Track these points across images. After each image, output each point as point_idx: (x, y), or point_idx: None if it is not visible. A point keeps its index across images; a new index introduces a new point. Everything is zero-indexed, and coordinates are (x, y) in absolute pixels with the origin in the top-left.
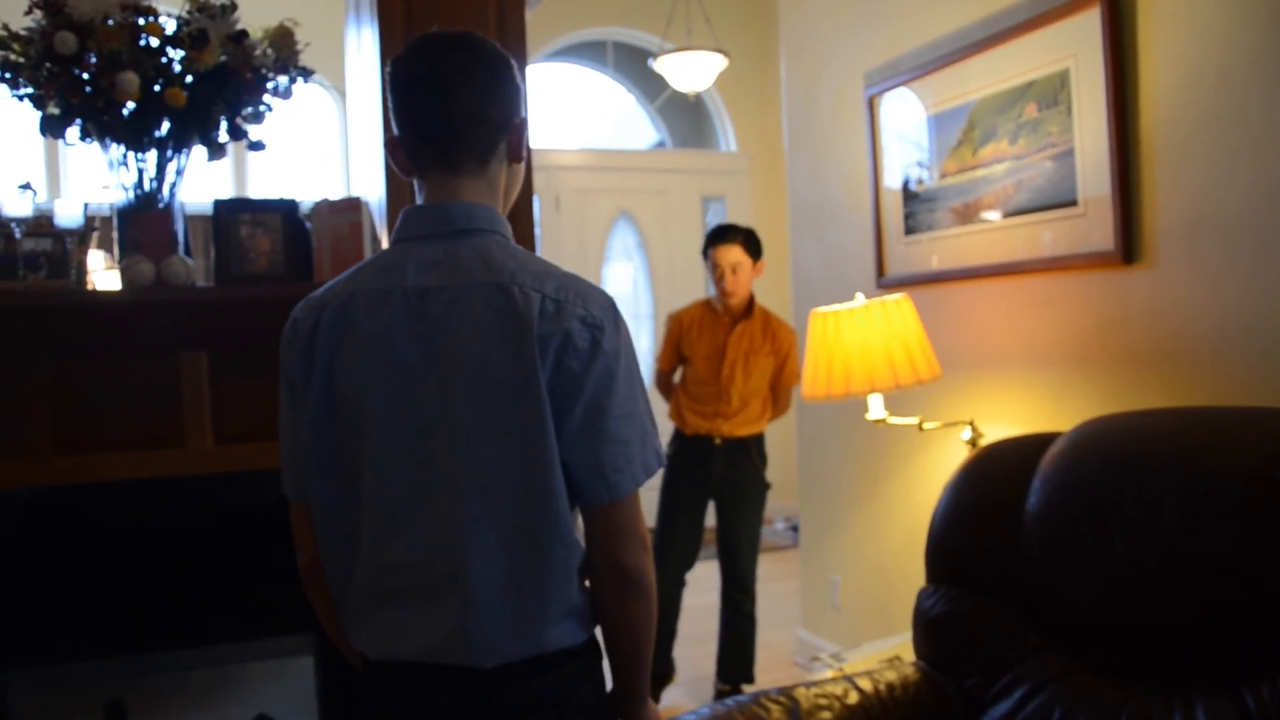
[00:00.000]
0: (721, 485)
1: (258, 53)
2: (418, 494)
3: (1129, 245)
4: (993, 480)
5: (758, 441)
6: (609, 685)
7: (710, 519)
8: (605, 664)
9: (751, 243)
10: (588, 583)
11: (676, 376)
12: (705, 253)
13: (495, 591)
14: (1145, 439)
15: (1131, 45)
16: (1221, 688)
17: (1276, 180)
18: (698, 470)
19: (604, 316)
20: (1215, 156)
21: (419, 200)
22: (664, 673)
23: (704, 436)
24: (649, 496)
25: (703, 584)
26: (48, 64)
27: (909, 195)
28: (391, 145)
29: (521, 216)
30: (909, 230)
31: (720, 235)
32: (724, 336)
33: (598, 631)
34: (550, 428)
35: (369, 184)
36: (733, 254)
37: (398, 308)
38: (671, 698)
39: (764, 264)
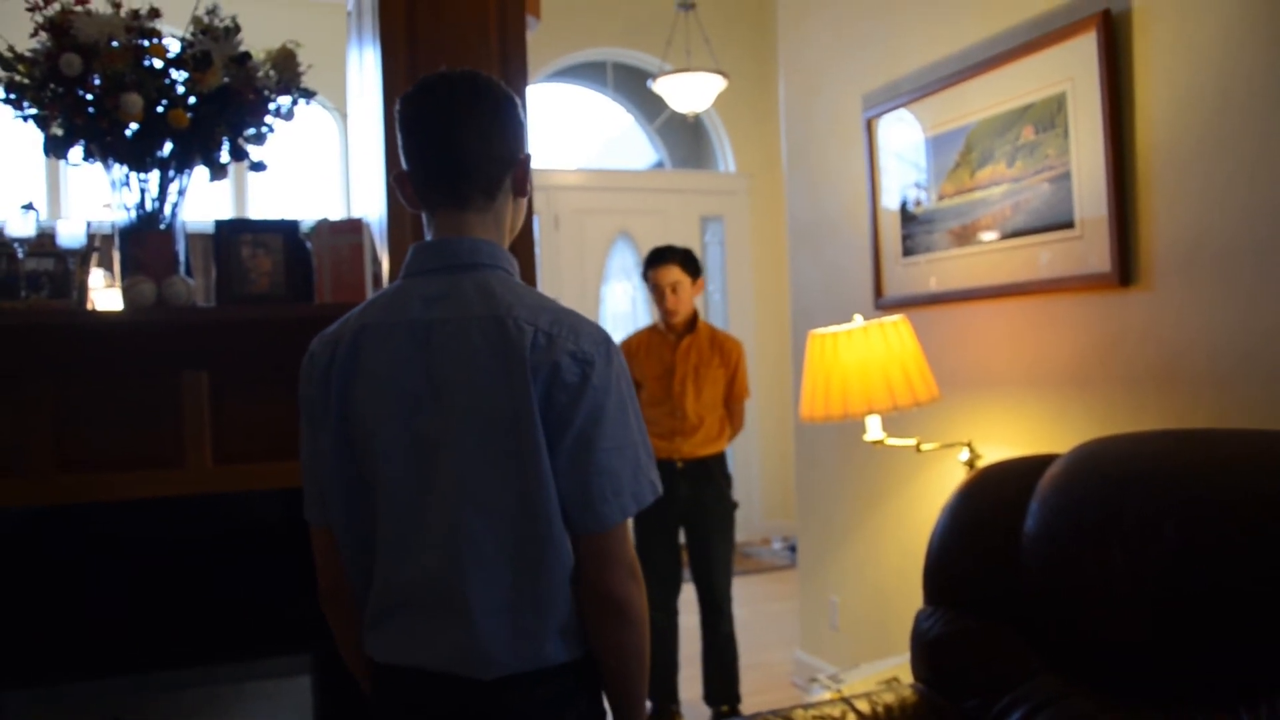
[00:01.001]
0: (688, 509)
1: (260, 74)
2: (422, 516)
3: (1125, 267)
4: (990, 502)
5: (720, 461)
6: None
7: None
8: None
9: (689, 262)
10: None
11: None
12: (645, 275)
13: (495, 609)
14: (1143, 460)
15: (1128, 69)
16: (1220, 709)
17: (1273, 203)
18: (663, 496)
19: (595, 351)
20: (1211, 179)
21: (427, 233)
22: (668, 711)
23: (665, 461)
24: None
25: (684, 607)
26: (52, 85)
27: (907, 216)
28: (400, 181)
29: (521, 236)
30: (907, 251)
31: (658, 257)
32: (671, 354)
33: None
34: (544, 453)
35: (370, 205)
36: (671, 274)
37: (404, 340)
38: None
39: (703, 281)
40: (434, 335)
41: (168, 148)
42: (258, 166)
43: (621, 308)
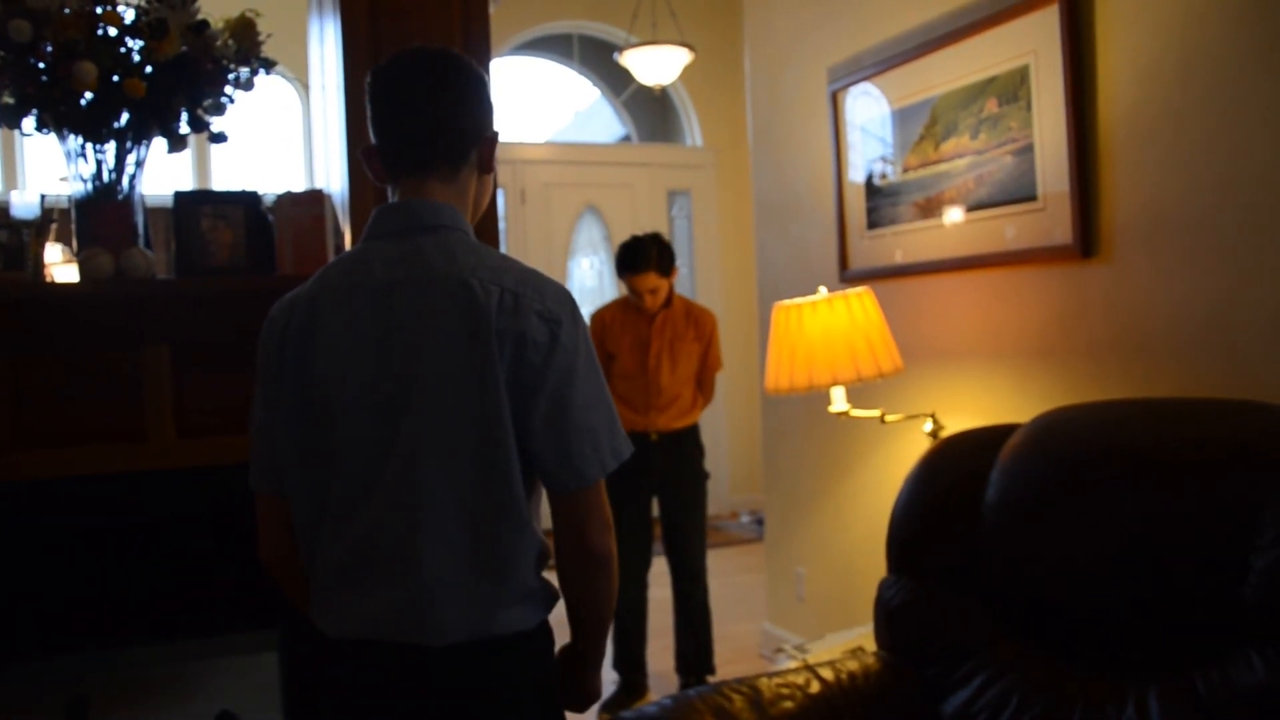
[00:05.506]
0: (662, 480)
1: (219, 43)
2: (377, 479)
3: (1087, 240)
4: (952, 472)
5: (693, 433)
6: (576, 672)
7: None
8: (556, 647)
9: (664, 261)
10: (544, 570)
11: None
12: (619, 274)
13: (448, 573)
14: (1102, 430)
15: (1089, 42)
16: (1175, 673)
17: (1232, 175)
18: (637, 469)
19: (561, 311)
20: (1172, 152)
21: (391, 200)
22: (637, 681)
23: (639, 433)
24: None
25: (655, 580)
26: (1, 53)
27: (872, 189)
28: (368, 154)
29: (485, 209)
30: (872, 224)
31: (631, 263)
32: (647, 328)
33: (550, 616)
34: (507, 416)
35: (331, 176)
36: (648, 281)
37: (364, 302)
38: None
39: (677, 269)
40: (395, 297)
41: (124, 118)
42: (218, 138)
43: (589, 282)
